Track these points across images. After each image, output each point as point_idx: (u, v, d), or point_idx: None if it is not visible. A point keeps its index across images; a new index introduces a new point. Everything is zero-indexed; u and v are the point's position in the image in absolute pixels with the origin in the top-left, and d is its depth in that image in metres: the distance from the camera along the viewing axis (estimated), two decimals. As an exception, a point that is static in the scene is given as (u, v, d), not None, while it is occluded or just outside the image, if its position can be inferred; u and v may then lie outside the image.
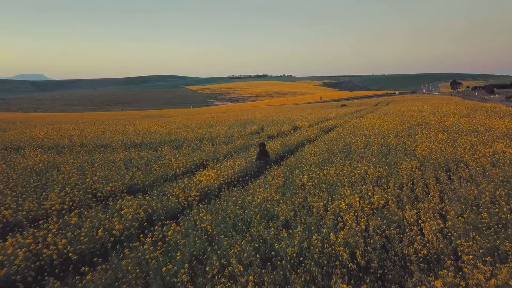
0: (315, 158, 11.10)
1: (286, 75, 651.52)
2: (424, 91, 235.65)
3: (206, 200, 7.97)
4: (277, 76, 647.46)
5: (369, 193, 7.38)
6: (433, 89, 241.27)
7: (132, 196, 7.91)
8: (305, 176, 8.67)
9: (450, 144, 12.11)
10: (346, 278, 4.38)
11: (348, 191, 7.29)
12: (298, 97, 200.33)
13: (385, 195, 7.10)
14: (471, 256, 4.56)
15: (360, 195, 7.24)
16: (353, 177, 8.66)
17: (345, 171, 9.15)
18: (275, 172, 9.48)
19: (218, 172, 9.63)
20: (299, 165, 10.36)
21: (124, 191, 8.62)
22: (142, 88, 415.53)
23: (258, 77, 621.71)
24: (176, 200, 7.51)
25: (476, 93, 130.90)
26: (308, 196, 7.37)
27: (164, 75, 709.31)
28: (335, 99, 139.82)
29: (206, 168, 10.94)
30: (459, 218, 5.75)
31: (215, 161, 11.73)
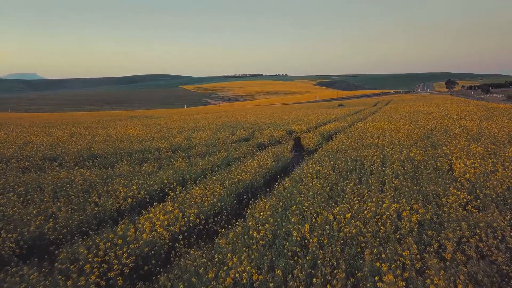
0: (318, 184, 7.94)
1: (281, 75, 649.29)
2: (419, 90, 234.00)
3: (143, 270, 4.80)
4: (272, 75, 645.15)
5: (417, 266, 4.28)
6: (428, 89, 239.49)
7: (22, 264, 4.72)
8: (306, 225, 5.52)
9: (497, 162, 9.04)
10: None
11: (384, 267, 4.14)
12: (293, 97, 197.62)
13: (454, 280, 3.97)
14: None
15: (407, 275, 4.11)
16: (381, 225, 5.54)
17: (366, 212, 6.02)
18: (261, 213, 6.32)
19: (175, 212, 6.43)
20: (298, 197, 7.19)
21: (18, 249, 5.41)
22: (136, 88, 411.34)
23: (253, 76, 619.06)
24: (85, 280, 4.32)
25: (472, 92, 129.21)
26: (315, 276, 4.21)
27: (158, 75, 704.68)
28: (330, 99, 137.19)
29: (166, 199, 7.76)
30: None
31: (179, 187, 8.54)
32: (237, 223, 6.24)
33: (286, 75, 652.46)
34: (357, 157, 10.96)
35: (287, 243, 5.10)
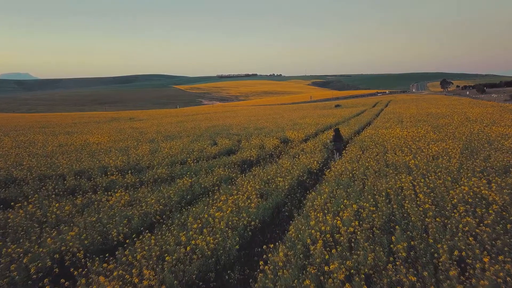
0: (342, 271, 4.02)
1: (275, 75, 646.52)
2: (413, 90, 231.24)
3: None
4: (266, 75, 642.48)
5: None
6: (422, 90, 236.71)
7: None
8: None
9: None
10: None
11: None
12: (287, 97, 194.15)
13: None
14: None
15: None
16: None
17: None
18: None
19: None
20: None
21: None
22: (130, 88, 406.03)
23: (247, 76, 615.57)
24: None
25: (468, 92, 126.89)
26: None
27: (153, 74, 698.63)
28: (325, 99, 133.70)
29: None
30: None
31: (77, 268, 4.57)
32: None
33: (281, 75, 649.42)
34: (388, 189, 7.10)
35: None
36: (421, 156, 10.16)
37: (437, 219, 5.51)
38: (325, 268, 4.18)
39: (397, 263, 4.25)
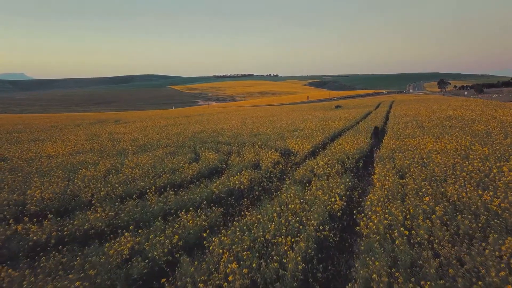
0: None
1: (272, 75, 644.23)
2: (410, 90, 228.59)
3: None
4: (263, 75, 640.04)
5: None
6: (419, 90, 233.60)
7: None
8: None
9: None
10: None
11: None
12: (284, 97, 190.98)
13: None
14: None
15: None
16: None
17: None
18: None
19: None
20: None
21: None
22: (127, 88, 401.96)
23: (244, 76, 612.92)
24: None
25: (466, 93, 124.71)
26: None
27: (150, 75, 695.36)
28: (323, 99, 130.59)
29: None
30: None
31: None
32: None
33: (277, 75, 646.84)
34: (502, 286, 3.55)
35: None
36: (499, 190, 6.63)
37: None
38: None
39: None
